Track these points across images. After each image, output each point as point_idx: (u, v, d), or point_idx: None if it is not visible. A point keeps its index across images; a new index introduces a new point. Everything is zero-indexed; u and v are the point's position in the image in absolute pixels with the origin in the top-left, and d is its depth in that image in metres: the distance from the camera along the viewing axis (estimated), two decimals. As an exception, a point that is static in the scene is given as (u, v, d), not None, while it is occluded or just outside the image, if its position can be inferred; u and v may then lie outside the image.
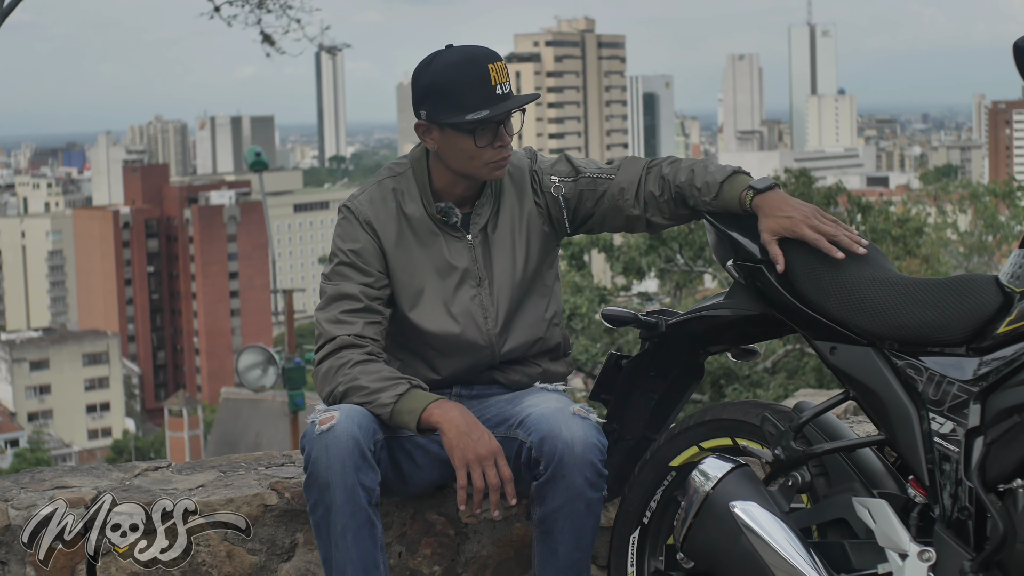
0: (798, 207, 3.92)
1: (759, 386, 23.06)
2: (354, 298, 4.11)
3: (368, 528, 3.92)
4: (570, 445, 3.90)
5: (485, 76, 4.02)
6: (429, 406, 3.95)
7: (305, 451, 3.96)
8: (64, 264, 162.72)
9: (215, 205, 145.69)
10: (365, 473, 3.90)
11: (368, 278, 4.14)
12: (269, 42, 16.99)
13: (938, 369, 3.55)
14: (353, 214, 4.20)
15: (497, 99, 4.03)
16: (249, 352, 22.99)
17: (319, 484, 3.91)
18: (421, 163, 4.23)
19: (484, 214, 4.23)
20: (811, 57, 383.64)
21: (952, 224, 35.81)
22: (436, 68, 4.06)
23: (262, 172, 25.03)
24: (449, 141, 4.09)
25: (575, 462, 3.89)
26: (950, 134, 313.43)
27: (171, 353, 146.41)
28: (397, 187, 4.23)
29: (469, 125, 4.03)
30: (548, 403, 4.06)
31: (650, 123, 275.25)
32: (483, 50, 4.09)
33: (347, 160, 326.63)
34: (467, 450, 3.90)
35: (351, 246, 4.17)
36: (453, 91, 4.03)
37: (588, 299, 24.70)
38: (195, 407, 69.96)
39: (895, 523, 3.55)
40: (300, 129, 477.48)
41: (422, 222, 4.20)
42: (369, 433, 3.93)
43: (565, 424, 3.94)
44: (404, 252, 4.18)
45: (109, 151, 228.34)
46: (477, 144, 4.06)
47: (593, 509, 3.97)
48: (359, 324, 4.09)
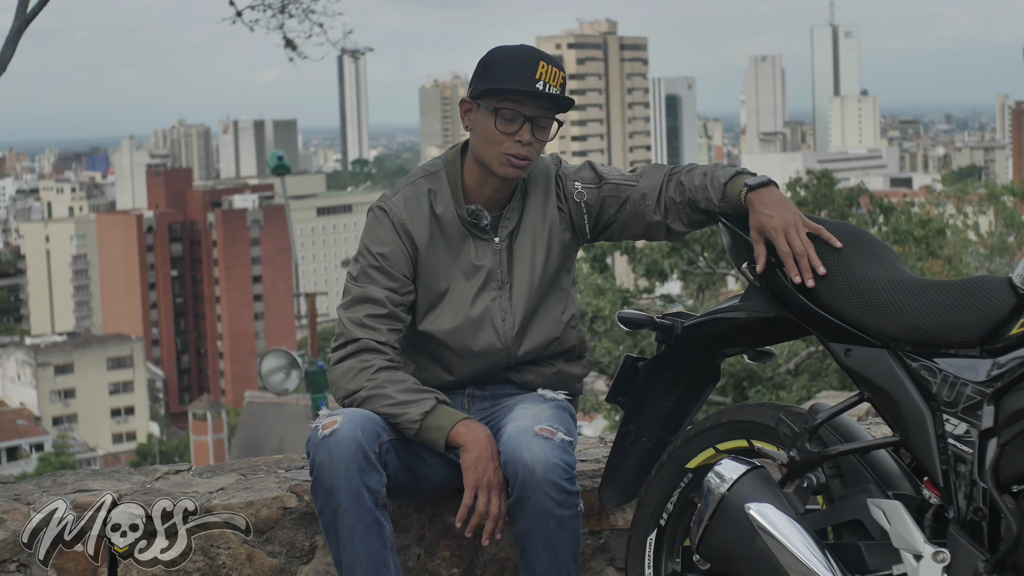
0: (781, 210, 3.92)
1: (782, 388, 23.01)
2: (379, 303, 4.14)
3: (376, 529, 3.95)
4: (530, 468, 3.92)
5: (533, 66, 4.07)
6: (456, 425, 4.00)
7: (310, 456, 4.00)
8: (88, 268, 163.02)
9: (238, 209, 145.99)
10: (369, 475, 3.93)
11: (394, 283, 4.16)
12: (291, 47, 16.98)
13: (952, 371, 3.55)
14: (388, 215, 4.22)
15: (533, 88, 4.06)
16: (272, 356, 23.02)
17: (324, 488, 3.95)
18: (455, 164, 4.25)
19: (513, 218, 4.25)
20: (834, 58, 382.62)
21: (973, 225, 35.69)
22: (495, 50, 4.16)
23: (285, 176, 25.08)
24: (479, 120, 4.13)
25: (536, 484, 3.92)
26: (974, 135, 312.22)
27: (195, 357, 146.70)
28: (432, 187, 4.25)
29: (495, 101, 4.07)
30: (522, 419, 4.07)
31: (672, 125, 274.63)
32: (547, 54, 4.13)
33: (370, 163, 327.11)
34: (482, 475, 3.97)
35: (380, 249, 4.19)
36: (497, 68, 4.09)
37: (611, 301, 24.67)
38: (219, 411, 70.01)
39: (910, 524, 3.55)
40: (323, 133, 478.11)
41: (452, 223, 4.22)
42: (373, 436, 3.97)
43: (527, 446, 3.95)
44: (434, 253, 4.21)
45: (132, 155, 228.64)
46: (497, 127, 4.08)
47: (567, 526, 3.98)
48: (383, 330, 4.12)
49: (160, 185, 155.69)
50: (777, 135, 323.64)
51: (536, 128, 4.11)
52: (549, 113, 4.12)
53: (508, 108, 4.08)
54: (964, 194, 38.34)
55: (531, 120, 4.09)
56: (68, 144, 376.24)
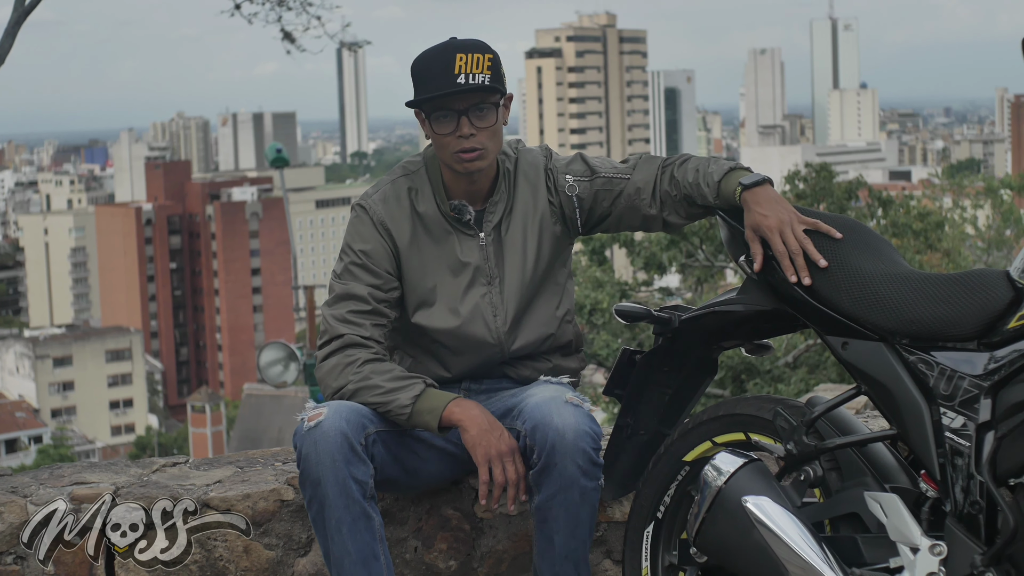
0: (776, 209, 3.90)
1: (780, 381, 22.99)
2: (362, 299, 4.15)
3: (364, 520, 3.95)
4: (561, 433, 3.91)
5: (450, 63, 4.06)
6: (449, 405, 3.99)
7: (296, 448, 4.01)
8: (87, 261, 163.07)
9: (237, 201, 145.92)
10: (356, 466, 3.93)
11: (377, 279, 4.17)
12: (289, 40, 16.99)
13: (949, 364, 3.55)
14: (367, 213, 4.23)
15: (454, 86, 4.06)
16: (271, 348, 22.97)
17: (311, 480, 3.95)
18: (435, 160, 4.26)
19: (498, 211, 4.25)
20: (833, 51, 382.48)
21: (971, 219, 35.70)
22: (417, 58, 4.15)
23: (283, 168, 25.05)
24: (426, 127, 4.17)
25: (567, 450, 3.91)
26: (973, 128, 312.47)
27: (193, 349, 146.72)
28: (411, 185, 4.26)
29: (428, 108, 4.09)
30: (544, 392, 4.08)
31: (672, 118, 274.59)
32: (463, 41, 4.12)
33: (369, 156, 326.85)
34: (490, 447, 3.95)
35: (361, 246, 4.20)
36: (422, 74, 4.11)
37: (609, 294, 24.66)
38: (218, 403, 70.12)
39: (907, 517, 3.55)
40: (322, 125, 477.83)
41: (435, 220, 4.22)
42: (359, 427, 3.97)
43: (557, 412, 3.95)
44: (417, 251, 4.21)
45: (131, 148, 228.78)
46: (435, 130, 4.10)
47: (588, 498, 3.98)
48: (366, 326, 4.13)
49: (159, 177, 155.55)
50: (776, 128, 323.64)
51: (474, 118, 4.10)
52: (483, 99, 4.11)
53: (439, 110, 4.09)
54: (962, 188, 38.35)
55: (464, 113, 4.09)
56: (67, 136, 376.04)
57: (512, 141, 4.36)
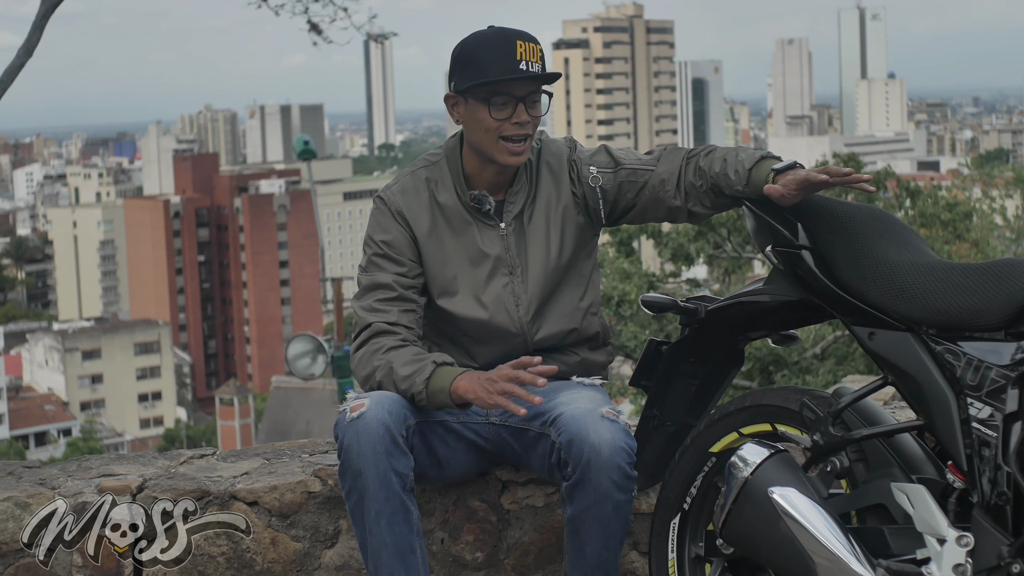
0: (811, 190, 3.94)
1: (808, 372, 22.95)
2: (388, 287, 4.16)
3: (403, 513, 3.95)
4: (597, 449, 3.91)
5: (512, 49, 4.07)
6: (456, 380, 3.99)
7: (338, 439, 4.00)
8: (115, 254, 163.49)
9: (265, 194, 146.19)
10: (397, 459, 3.93)
11: (401, 267, 4.19)
12: (316, 31, 16.97)
13: (976, 354, 3.54)
14: (386, 204, 4.26)
15: (518, 72, 4.07)
16: (298, 340, 23.02)
17: (352, 471, 3.94)
18: (455, 151, 4.27)
19: (518, 202, 4.25)
20: (861, 41, 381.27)
21: (999, 209, 35.54)
22: (468, 41, 4.16)
23: (311, 161, 25.08)
24: (470, 112, 4.15)
25: (602, 466, 3.91)
26: (1002, 118, 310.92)
27: (222, 342, 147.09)
28: (431, 176, 4.27)
29: (485, 92, 4.08)
30: (580, 402, 4.07)
31: (699, 109, 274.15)
32: (518, 31, 4.14)
33: (396, 148, 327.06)
34: (486, 395, 3.92)
35: (383, 237, 4.22)
36: (478, 58, 4.10)
37: (636, 286, 24.62)
38: (246, 396, 70.21)
39: (933, 508, 3.54)
40: (349, 117, 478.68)
41: (455, 210, 4.23)
42: (400, 419, 3.97)
43: (593, 427, 3.94)
44: (437, 241, 4.22)
45: (159, 141, 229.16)
46: (492, 115, 4.10)
47: (621, 511, 3.98)
48: (394, 312, 4.14)
49: (187, 170, 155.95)
50: (804, 118, 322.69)
51: (529, 105, 4.13)
52: (537, 89, 4.14)
53: (499, 96, 4.09)
54: (991, 178, 38.17)
55: (522, 100, 4.11)
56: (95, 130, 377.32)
57: None
